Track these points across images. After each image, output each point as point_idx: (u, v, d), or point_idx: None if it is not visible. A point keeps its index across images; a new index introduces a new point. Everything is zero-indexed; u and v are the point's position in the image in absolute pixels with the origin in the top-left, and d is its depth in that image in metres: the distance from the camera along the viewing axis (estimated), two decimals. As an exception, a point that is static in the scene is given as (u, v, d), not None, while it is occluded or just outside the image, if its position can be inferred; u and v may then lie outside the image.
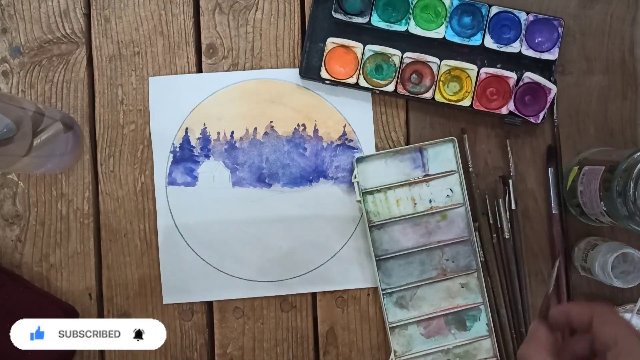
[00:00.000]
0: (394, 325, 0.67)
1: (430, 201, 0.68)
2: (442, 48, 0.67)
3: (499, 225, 0.67)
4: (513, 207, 0.67)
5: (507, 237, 0.66)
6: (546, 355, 0.46)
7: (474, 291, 0.68)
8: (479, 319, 0.68)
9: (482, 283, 0.67)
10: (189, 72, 0.69)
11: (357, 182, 0.66)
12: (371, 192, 0.67)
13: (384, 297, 0.67)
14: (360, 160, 0.67)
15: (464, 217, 0.67)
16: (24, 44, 0.69)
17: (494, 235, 0.67)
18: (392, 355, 0.67)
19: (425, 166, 0.68)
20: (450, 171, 0.67)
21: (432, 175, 0.68)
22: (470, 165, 0.67)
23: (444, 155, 0.67)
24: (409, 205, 0.68)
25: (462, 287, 0.68)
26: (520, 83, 0.65)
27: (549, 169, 0.67)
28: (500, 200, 0.67)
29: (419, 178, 0.67)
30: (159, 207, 0.68)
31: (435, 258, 0.68)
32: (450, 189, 0.67)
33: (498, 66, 0.67)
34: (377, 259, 0.67)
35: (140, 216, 0.69)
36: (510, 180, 0.67)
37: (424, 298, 0.68)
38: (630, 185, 0.57)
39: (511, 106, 0.65)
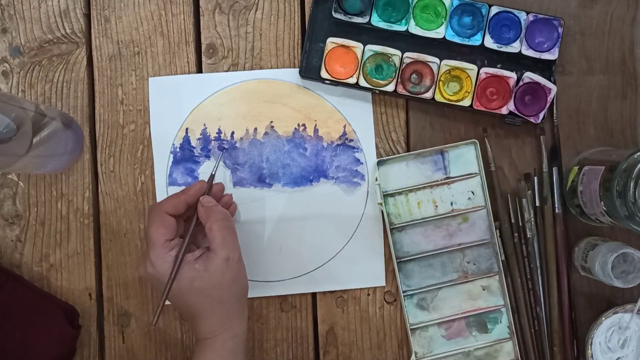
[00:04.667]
0: (414, 326, 0.67)
1: (451, 203, 0.68)
2: (442, 48, 0.67)
3: (520, 225, 0.67)
4: (537, 204, 0.67)
5: (529, 236, 0.67)
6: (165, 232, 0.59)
7: (495, 294, 0.68)
8: (500, 322, 0.68)
9: (504, 286, 0.67)
10: (189, 72, 0.69)
11: (379, 184, 0.66)
12: (392, 195, 0.67)
13: (404, 299, 0.67)
14: (381, 162, 0.67)
15: (486, 220, 0.67)
16: (24, 44, 0.69)
17: (515, 234, 0.67)
18: (412, 357, 0.67)
19: (446, 169, 0.68)
20: (472, 174, 0.67)
21: (454, 177, 0.68)
22: (492, 166, 0.67)
23: (465, 158, 0.67)
24: (430, 208, 0.68)
25: (484, 289, 0.68)
26: (520, 83, 0.65)
27: (554, 168, 0.67)
28: (524, 199, 0.66)
29: (440, 180, 0.68)
30: (159, 207, 0.68)
31: (456, 260, 0.68)
32: (472, 192, 0.67)
33: (498, 66, 0.67)
34: (398, 261, 0.67)
35: (140, 216, 0.69)
36: (535, 178, 0.67)
37: (445, 300, 0.68)
38: (631, 185, 0.57)
39: (511, 106, 0.65)
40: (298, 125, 0.69)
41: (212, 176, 0.64)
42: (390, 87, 0.66)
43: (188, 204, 0.62)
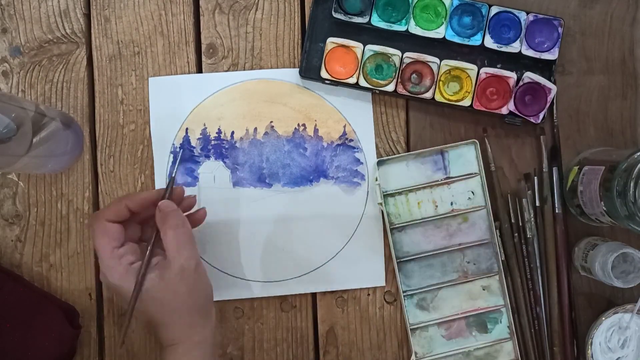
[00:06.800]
0: (414, 326, 0.67)
1: (451, 203, 0.68)
2: (442, 48, 0.67)
3: (520, 225, 0.67)
4: (537, 204, 0.67)
5: (529, 236, 0.67)
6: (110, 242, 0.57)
7: (495, 294, 0.68)
8: (500, 322, 0.68)
9: (504, 286, 0.67)
10: (189, 72, 0.69)
11: (379, 184, 0.66)
12: (392, 195, 0.67)
13: (404, 299, 0.67)
14: (381, 162, 0.67)
15: (486, 220, 0.67)
16: (24, 44, 0.69)
17: (515, 234, 0.67)
18: (412, 357, 0.67)
19: (446, 168, 0.68)
20: (472, 174, 0.67)
21: (454, 177, 0.67)
22: (492, 166, 0.67)
23: (465, 158, 0.67)
24: (430, 208, 0.68)
25: (484, 289, 0.68)
26: (520, 83, 0.65)
27: (554, 168, 0.67)
28: (524, 199, 0.66)
29: (440, 180, 0.68)
30: (159, 207, 0.68)
31: (456, 260, 0.68)
32: (472, 192, 0.67)
33: (498, 66, 0.67)
34: (398, 261, 0.67)
35: (140, 216, 0.69)
36: (535, 178, 0.67)
37: (445, 300, 0.68)
38: (631, 185, 0.57)
39: (511, 106, 0.65)
40: (298, 125, 0.69)
41: (173, 178, 0.63)
42: (390, 87, 0.66)
43: (130, 209, 0.58)
